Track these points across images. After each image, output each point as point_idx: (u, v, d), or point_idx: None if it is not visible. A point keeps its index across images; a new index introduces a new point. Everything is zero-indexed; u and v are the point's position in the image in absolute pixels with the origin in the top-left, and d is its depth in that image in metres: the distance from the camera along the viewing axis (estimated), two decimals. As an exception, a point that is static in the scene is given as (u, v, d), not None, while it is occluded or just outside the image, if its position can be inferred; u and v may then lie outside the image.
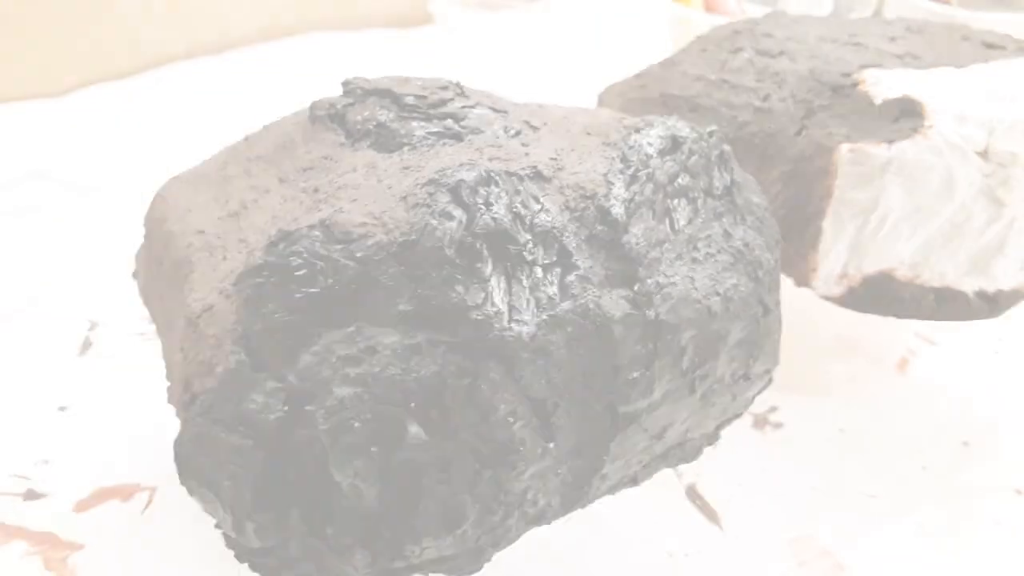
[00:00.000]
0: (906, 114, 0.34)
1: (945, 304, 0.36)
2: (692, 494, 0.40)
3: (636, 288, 0.23)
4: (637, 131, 0.26)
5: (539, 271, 0.22)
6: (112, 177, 0.64)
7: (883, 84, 0.35)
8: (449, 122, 0.27)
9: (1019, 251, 0.36)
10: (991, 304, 0.36)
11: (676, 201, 0.25)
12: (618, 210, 0.24)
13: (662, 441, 0.26)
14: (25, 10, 0.69)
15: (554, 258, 0.23)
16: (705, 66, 0.43)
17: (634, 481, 0.27)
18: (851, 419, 0.44)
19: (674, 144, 0.26)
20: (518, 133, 0.27)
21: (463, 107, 0.27)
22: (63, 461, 0.41)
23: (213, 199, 0.30)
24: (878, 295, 0.36)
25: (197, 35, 0.80)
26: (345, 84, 0.30)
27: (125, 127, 0.71)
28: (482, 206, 0.22)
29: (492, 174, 0.23)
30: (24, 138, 0.67)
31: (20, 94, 0.71)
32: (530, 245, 0.23)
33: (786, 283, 0.38)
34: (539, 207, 0.23)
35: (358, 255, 0.22)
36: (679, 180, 0.25)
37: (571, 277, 0.23)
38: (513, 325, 0.21)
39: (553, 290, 0.22)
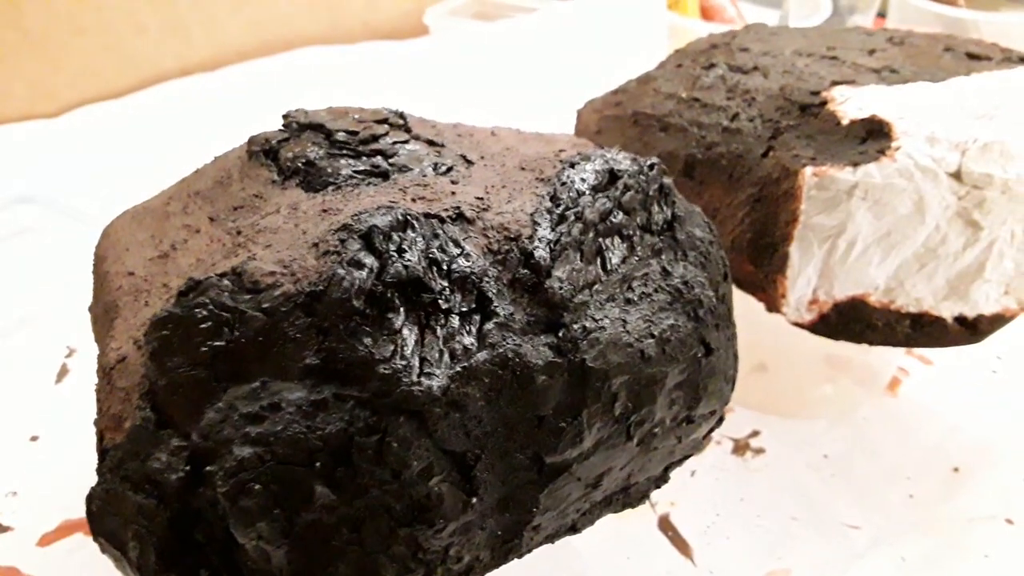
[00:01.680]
0: (873, 135, 0.32)
1: (922, 330, 0.34)
2: (664, 525, 0.39)
3: (561, 334, 0.22)
4: (571, 166, 0.25)
5: (455, 320, 0.21)
6: (101, 200, 0.64)
7: (852, 102, 0.34)
8: (378, 159, 0.26)
9: (1000, 274, 0.34)
10: (971, 330, 0.35)
11: (609, 240, 0.24)
12: (541, 252, 0.23)
13: (600, 488, 0.25)
14: (14, 27, 0.69)
15: (472, 305, 0.22)
16: (678, 83, 0.42)
17: (574, 529, 0.26)
18: (836, 444, 0.43)
19: (611, 178, 0.25)
20: (449, 170, 0.26)
21: (395, 143, 0.26)
22: (32, 493, 0.41)
23: (150, 237, 0.29)
24: (850, 322, 0.34)
25: (191, 51, 0.80)
26: (284, 117, 0.30)
27: (117, 147, 0.71)
28: (394, 253, 0.21)
29: (409, 218, 0.22)
30: (12, 161, 0.67)
31: (10, 114, 0.71)
32: (446, 292, 0.22)
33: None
34: (458, 251, 0.22)
35: (265, 306, 0.21)
36: (613, 217, 0.24)
37: (489, 325, 0.22)
38: (423, 379, 0.20)
39: (469, 340, 0.21)
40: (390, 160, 0.26)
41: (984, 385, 0.47)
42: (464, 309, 0.22)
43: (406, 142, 0.27)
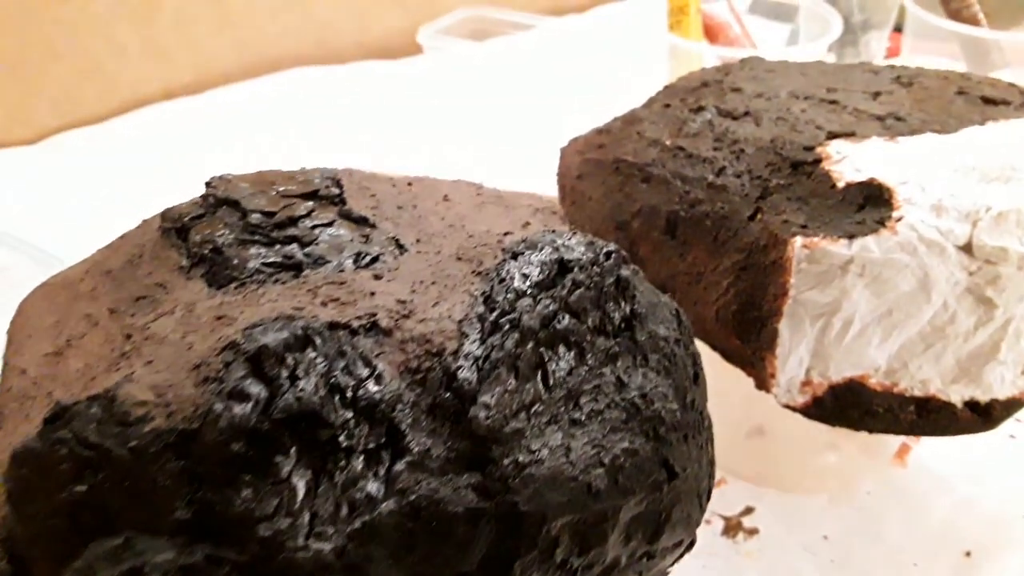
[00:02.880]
0: (872, 201, 0.29)
1: (928, 416, 0.31)
2: (644, 620, 0.35)
3: (488, 471, 0.19)
4: (514, 257, 0.22)
5: (358, 461, 0.18)
6: (78, 235, 0.61)
7: (849, 161, 0.30)
8: (293, 248, 0.22)
9: (1017, 355, 0.30)
10: (983, 416, 0.31)
11: (553, 350, 0.21)
12: (467, 373, 0.19)
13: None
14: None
15: (381, 440, 0.19)
16: (663, 127, 0.38)
17: None
18: (837, 524, 0.39)
19: (560, 270, 0.22)
20: (375, 260, 0.22)
21: (315, 226, 0.23)
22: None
23: (54, 324, 0.26)
24: (848, 406, 0.31)
25: (174, 74, 0.77)
26: (207, 185, 0.26)
27: (96, 175, 0.69)
28: (286, 381, 0.18)
29: (310, 333, 0.19)
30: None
31: (-16, 141, 0.69)
32: (350, 426, 0.18)
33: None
34: (368, 372, 0.19)
35: (133, 444, 0.18)
36: (558, 323, 0.21)
37: (400, 465, 0.18)
38: (312, 541, 0.17)
39: (375, 486, 0.18)
40: (306, 249, 0.22)
41: (1001, 452, 0.43)
42: (371, 446, 0.18)
43: (330, 224, 0.23)
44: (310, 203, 0.24)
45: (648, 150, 0.38)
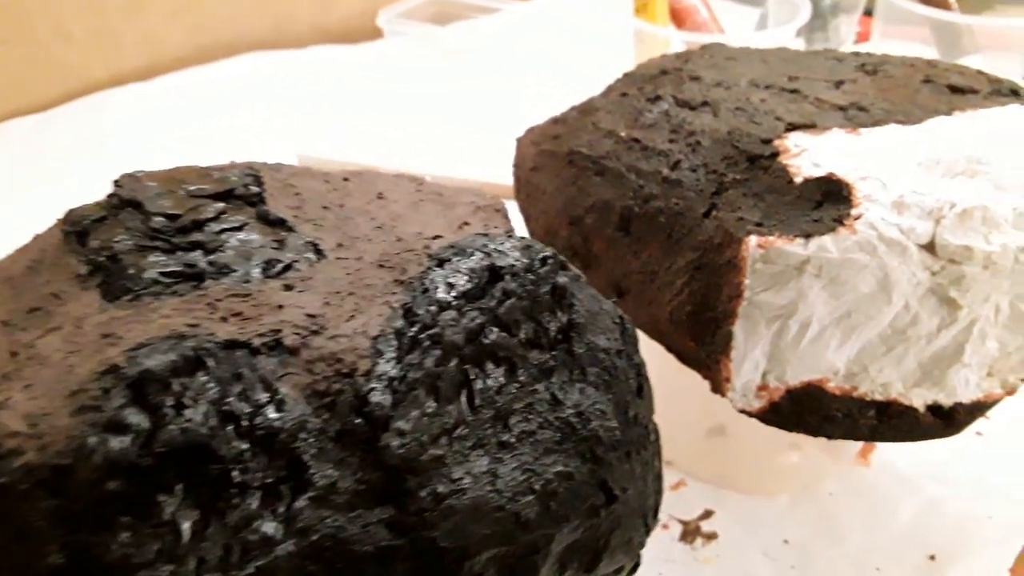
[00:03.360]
0: (830, 198, 0.27)
1: (889, 422, 0.29)
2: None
3: (403, 505, 0.17)
4: (440, 264, 0.20)
5: (254, 499, 0.16)
6: (14, 233, 0.59)
7: (807, 155, 0.29)
8: (196, 255, 0.21)
9: (982, 357, 0.29)
10: (946, 420, 0.30)
11: (480, 367, 0.19)
12: (380, 396, 0.17)
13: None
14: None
15: (280, 474, 0.17)
16: (620, 117, 0.37)
17: None
18: (798, 527, 0.38)
19: (491, 278, 0.20)
20: (287, 268, 0.21)
21: (224, 230, 0.21)
22: None
23: (-53, 335, 0.24)
24: (806, 411, 0.29)
25: (123, 59, 0.74)
26: (115, 183, 0.24)
27: (41, 164, 0.66)
28: (171, 410, 0.16)
29: (202, 354, 0.17)
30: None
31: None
32: (245, 458, 0.16)
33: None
34: (268, 398, 0.17)
35: (3, 481, 0.16)
36: (485, 337, 0.19)
37: (302, 501, 0.17)
38: (198, 590, 0.15)
39: (272, 525, 0.16)
40: (211, 256, 0.20)
41: (968, 450, 0.42)
42: (269, 481, 0.17)
43: (240, 228, 0.22)
44: (221, 204, 0.22)
45: (603, 142, 0.36)
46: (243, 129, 0.70)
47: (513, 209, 0.42)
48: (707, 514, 0.39)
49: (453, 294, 0.19)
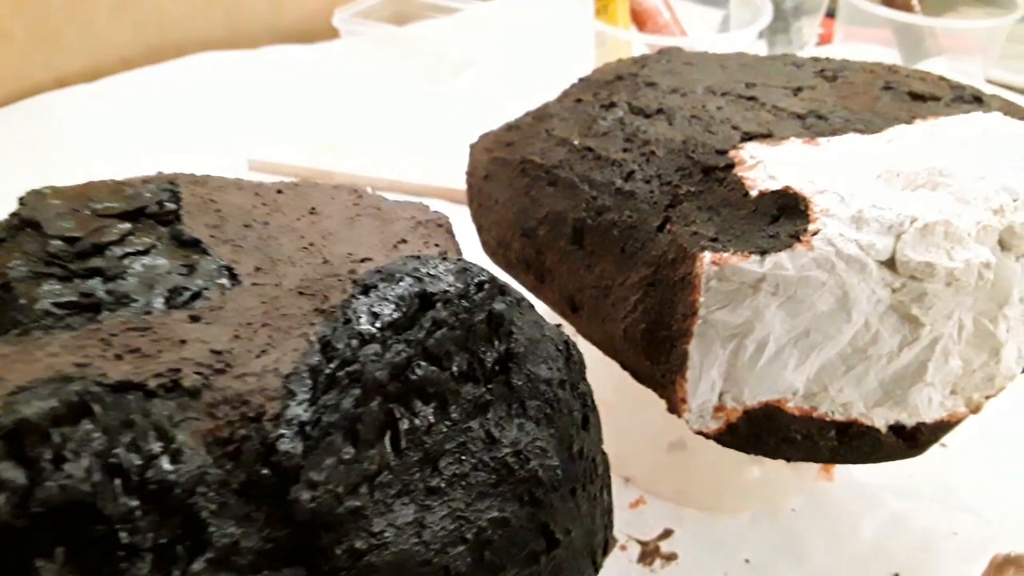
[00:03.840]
0: (787, 213, 0.26)
1: (850, 442, 0.28)
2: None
3: (315, 564, 0.16)
4: (365, 291, 0.19)
5: (144, 563, 0.15)
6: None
7: (763, 167, 0.27)
8: (94, 283, 0.19)
9: (945, 375, 0.28)
10: (909, 441, 0.28)
11: (406, 405, 0.17)
12: (289, 444, 0.16)
13: None
14: None
15: (176, 533, 0.15)
16: (574, 124, 0.35)
17: None
18: (760, 546, 0.37)
19: (422, 306, 0.19)
20: (195, 296, 0.19)
21: (127, 255, 0.19)
22: None
23: None
24: (764, 432, 0.28)
25: (66, 60, 0.71)
26: (20, 201, 0.22)
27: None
28: (49, 464, 0.14)
29: (88, 399, 0.15)
30: None
31: None
32: (135, 517, 0.15)
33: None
34: (161, 447, 0.15)
35: None
36: (412, 372, 0.18)
37: (199, 564, 0.15)
38: (73, 672, 0.14)
39: (163, 592, 0.15)
40: (110, 284, 0.19)
41: (931, 462, 0.41)
42: (161, 541, 0.15)
43: (146, 251, 0.20)
44: (127, 225, 0.20)
45: (556, 150, 0.35)
46: (192, 133, 0.67)
47: (467, 217, 0.41)
48: (666, 533, 0.37)
49: (378, 324, 0.18)
